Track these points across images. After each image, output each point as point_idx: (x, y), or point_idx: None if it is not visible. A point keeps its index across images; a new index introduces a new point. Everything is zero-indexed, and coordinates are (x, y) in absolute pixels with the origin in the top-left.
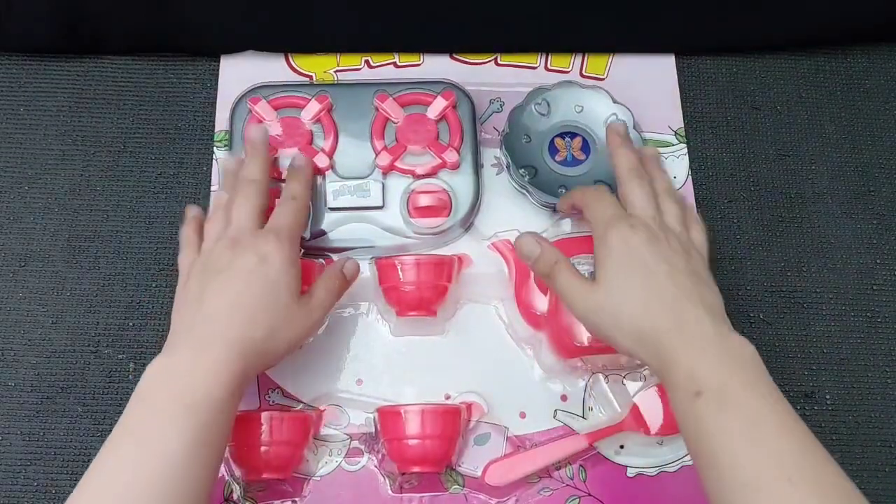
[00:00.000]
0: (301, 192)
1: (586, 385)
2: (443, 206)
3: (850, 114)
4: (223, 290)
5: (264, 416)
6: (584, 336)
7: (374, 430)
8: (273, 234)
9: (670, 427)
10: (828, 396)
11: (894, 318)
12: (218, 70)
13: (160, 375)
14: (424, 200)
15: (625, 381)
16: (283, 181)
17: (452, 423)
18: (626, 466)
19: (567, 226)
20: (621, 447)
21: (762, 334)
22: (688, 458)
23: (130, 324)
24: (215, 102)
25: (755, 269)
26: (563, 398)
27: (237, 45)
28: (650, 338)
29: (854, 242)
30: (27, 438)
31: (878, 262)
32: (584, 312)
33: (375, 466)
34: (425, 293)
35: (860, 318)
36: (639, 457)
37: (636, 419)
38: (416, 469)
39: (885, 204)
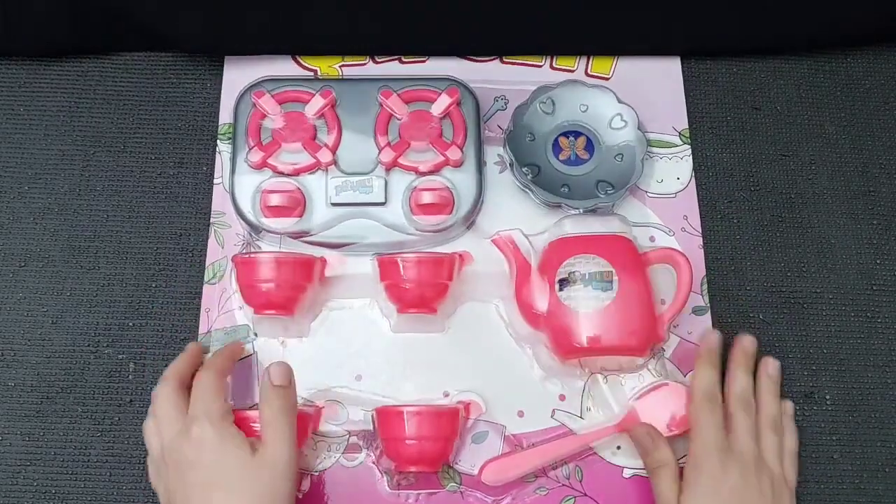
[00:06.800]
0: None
1: (584, 385)
2: (445, 204)
3: (850, 114)
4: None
5: None
6: (583, 337)
7: (372, 426)
8: (194, 419)
9: (666, 430)
10: (828, 396)
11: (894, 318)
12: (218, 70)
13: None
14: (427, 198)
15: (623, 383)
16: (286, 174)
17: (450, 424)
18: (623, 467)
19: (569, 226)
20: (618, 448)
21: (762, 334)
22: (684, 459)
23: (130, 324)
24: (215, 102)
25: (755, 269)
26: (562, 398)
27: (240, 48)
28: None
29: (854, 242)
30: (27, 438)
31: (878, 262)
32: None
33: (373, 463)
34: (426, 291)
35: (860, 318)
36: (635, 458)
37: (633, 421)
38: (412, 469)
39: (885, 204)
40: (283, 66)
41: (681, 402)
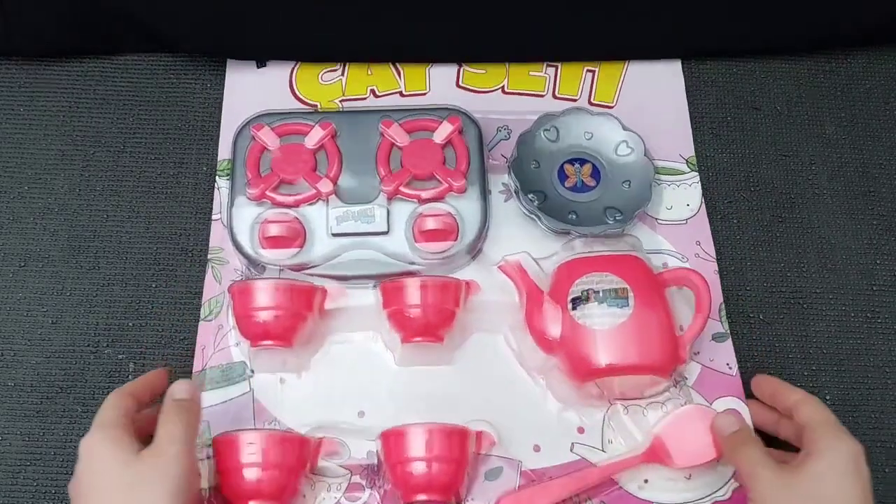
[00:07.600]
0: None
1: (604, 416)
2: (449, 230)
3: (850, 114)
4: None
5: (255, 434)
6: (601, 356)
7: (376, 462)
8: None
9: (696, 457)
10: (828, 396)
11: (894, 318)
12: (218, 70)
13: None
14: (431, 224)
15: (645, 413)
16: (286, 206)
17: (460, 444)
18: (651, 502)
19: (579, 246)
20: (645, 481)
21: (762, 334)
22: (720, 493)
23: (130, 324)
24: (216, 103)
25: (755, 269)
26: (580, 430)
27: (240, 50)
28: None
29: (854, 242)
30: (27, 438)
31: (878, 262)
32: (773, 490)
33: (378, 502)
34: (432, 317)
35: (860, 318)
36: (665, 492)
37: (659, 450)
38: (421, 497)
39: (885, 204)
40: (283, 102)
41: (707, 423)
